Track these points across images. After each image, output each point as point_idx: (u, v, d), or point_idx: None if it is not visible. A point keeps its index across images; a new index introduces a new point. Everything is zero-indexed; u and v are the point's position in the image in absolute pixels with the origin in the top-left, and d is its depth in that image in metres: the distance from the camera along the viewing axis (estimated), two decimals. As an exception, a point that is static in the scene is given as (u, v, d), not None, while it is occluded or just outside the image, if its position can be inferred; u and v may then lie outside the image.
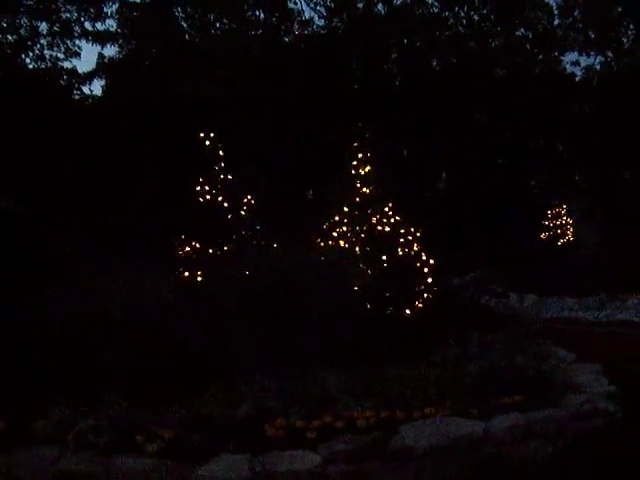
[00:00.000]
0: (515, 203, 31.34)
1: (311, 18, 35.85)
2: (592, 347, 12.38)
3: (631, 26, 36.37)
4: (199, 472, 5.63)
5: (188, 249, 11.57)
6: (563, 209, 29.71)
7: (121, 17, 31.88)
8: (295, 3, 35.37)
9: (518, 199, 32.00)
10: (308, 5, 35.79)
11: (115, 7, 31.07)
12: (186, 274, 11.14)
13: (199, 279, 10.93)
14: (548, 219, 29.53)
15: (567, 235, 29.42)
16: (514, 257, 24.46)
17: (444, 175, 36.00)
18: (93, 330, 7.93)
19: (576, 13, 36.85)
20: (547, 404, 7.14)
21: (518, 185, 33.60)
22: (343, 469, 5.86)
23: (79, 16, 29.63)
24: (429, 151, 32.35)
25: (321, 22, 35.72)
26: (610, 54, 37.17)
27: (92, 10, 29.78)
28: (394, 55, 35.62)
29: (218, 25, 34.35)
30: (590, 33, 36.94)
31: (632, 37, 36.51)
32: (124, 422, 6.32)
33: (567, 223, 29.59)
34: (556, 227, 29.39)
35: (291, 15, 34.50)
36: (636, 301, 19.15)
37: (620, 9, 35.93)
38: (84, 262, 10.97)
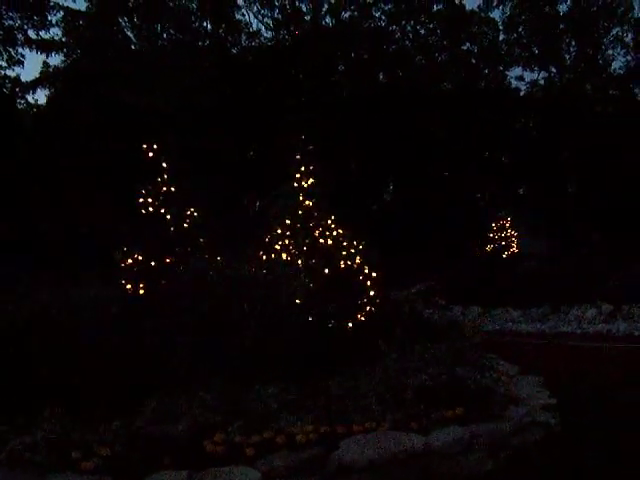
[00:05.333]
0: (461, 216, 31.64)
1: (259, 30, 36.07)
2: (534, 359, 12.50)
3: (573, 43, 37.21)
4: (137, 490, 5.49)
5: (130, 261, 11.35)
6: (508, 221, 30.01)
7: (66, 26, 31.48)
8: (243, 15, 35.50)
9: (464, 212, 32.32)
10: (256, 17, 35.96)
11: (60, 15, 30.66)
12: (128, 287, 10.94)
13: (141, 292, 10.74)
14: (493, 231, 29.80)
15: (512, 247, 29.72)
16: (459, 269, 24.62)
17: (391, 187, 36.26)
18: (28, 342, 7.72)
19: (520, 29, 37.54)
20: (488, 417, 7.12)
21: (464, 198, 33.96)
22: (283, 485, 5.79)
23: (22, 24, 29.17)
24: (376, 163, 32.49)
25: (269, 34, 35.89)
26: (553, 69, 37.96)
27: (36, 18, 29.35)
28: (341, 67, 35.83)
29: (165, 36, 34.17)
30: (534, 49, 37.69)
31: (574, 53, 37.35)
32: (60, 438, 6.15)
33: (512, 235, 29.90)
34: (501, 239, 29.67)
35: (238, 26, 34.50)
36: (578, 313, 19.41)
37: (562, 26, 36.73)
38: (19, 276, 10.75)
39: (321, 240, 11.20)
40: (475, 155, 34.74)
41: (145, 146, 12.28)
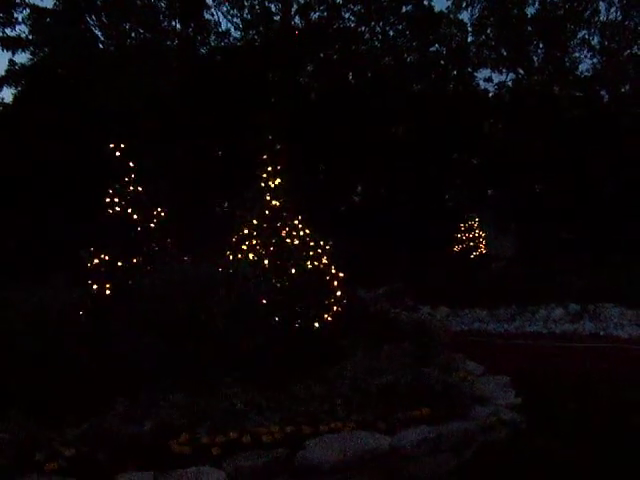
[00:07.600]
0: (429, 216, 31.75)
1: (228, 30, 35.88)
2: (501, 359, 12.54)
3: (541, 45, 37.53)
4: (102, 491, 5.44)
5: (97, 262, 11.25)
6: (475, 222, 30.09)
7: (33, 23, 31.09)
8: (212, 14, 35.29)
9: (432, 212, 32.44)
10: (225, 17, 35.79)
11: (26, 13, 30.28)
12: (95, 287, 10.84)
13: (108, 292, 10.65)
14: (461, 232, 29.87)
15: (480, 248, 29.80)
16: (427, 270, 24.69)
17: (359, 188, 36.27)
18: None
19: (489, 31, 37.76)
20: (454, 417, 7.16)
21: (432, 198, 34.08)
22: (248, 485, 5.76)
23: (-13, 21, 28.83)
24: (345, 164, 32.49)
25: (238, 34, 35.74)
26: (521, 71, 38.24)
27: (1, 15, 28.97)
28: (310, 68, 35.77)
29: (133, 35, 33.88)
30: (502, 51, 37.95)
31: (542, 55, 37.68)
32: (24, 440, 6.07)
33: (480, 236, 29.98)
34: (469, 240, 29.74)
35: (207, 26, 34.31)
36: (545, 312, 19.56)
37: (530, 28, 37.03)
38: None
39: (288, 240, 11.19)
40: (444, 156, 34.85)
41: (112, 145, 12.20)
